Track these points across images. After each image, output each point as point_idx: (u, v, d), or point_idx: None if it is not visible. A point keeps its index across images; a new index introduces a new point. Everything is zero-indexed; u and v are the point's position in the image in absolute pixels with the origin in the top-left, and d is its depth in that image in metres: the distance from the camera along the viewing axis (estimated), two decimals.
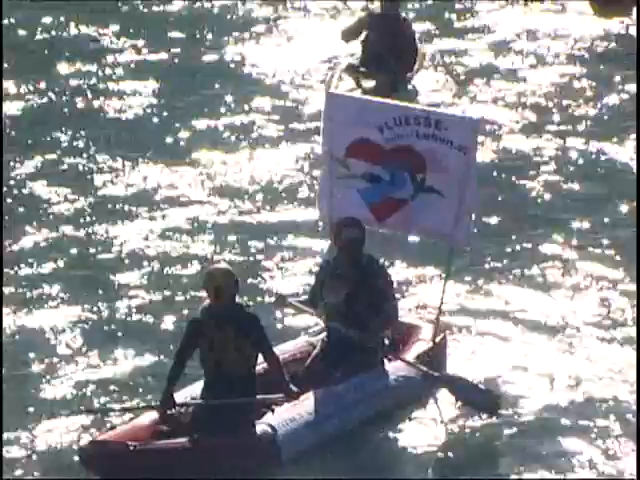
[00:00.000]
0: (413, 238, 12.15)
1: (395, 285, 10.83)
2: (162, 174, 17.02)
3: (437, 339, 10.56)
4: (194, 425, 9.33)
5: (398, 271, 12.44)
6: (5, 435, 10.37)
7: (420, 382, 10.37)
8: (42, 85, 21.04)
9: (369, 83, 15.86)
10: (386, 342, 10.35)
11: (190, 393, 9.70)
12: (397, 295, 10.86)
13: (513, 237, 14.70)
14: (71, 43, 22.90)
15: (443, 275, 11.17)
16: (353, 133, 10.27)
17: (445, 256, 11.15)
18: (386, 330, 10.31)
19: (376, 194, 10.30)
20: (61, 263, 14.47)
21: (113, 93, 20.60)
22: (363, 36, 16.45)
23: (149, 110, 19.92)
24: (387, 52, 15.95)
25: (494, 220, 15.07)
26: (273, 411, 9.41)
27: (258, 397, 9.43)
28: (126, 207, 16.16)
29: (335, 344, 10.14)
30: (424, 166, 10.05)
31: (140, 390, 10.85)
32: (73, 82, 21.04)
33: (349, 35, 16.69)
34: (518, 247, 14.55)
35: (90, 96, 20.77)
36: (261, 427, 9.32)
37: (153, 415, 9.54)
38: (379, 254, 10.93)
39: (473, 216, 10.51)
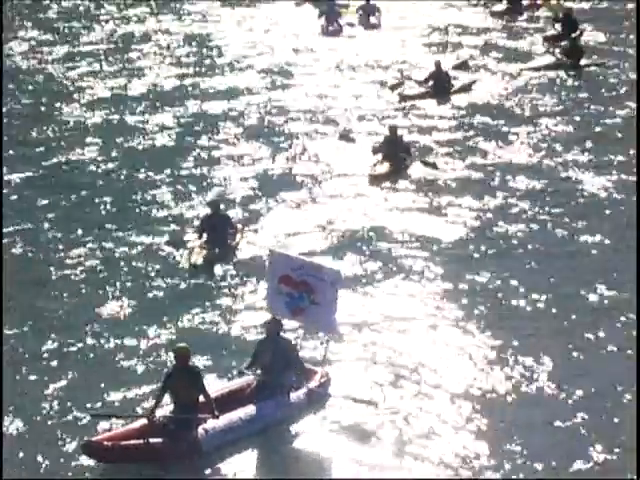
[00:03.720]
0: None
1: (300, 350, 12.35)
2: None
3: (322, 380, 12.04)
4: (164, 427, 10.94)
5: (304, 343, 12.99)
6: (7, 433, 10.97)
7: (307, 403, 11.78)
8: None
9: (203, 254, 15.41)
10: (294, 379, 11.88)
11: (164, 411, 11.21)
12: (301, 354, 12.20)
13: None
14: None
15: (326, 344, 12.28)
16: (281, 271, 12.08)
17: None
18: (297, 376, 11.93)
19: (292, 304, 12.01)
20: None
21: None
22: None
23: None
24: (212, 234, 15.67)
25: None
26: (206, 422, 11.05)
27: (198, 415, 11.07)
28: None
29: (264, 381, 11.85)
30: (313, 291, 11.83)
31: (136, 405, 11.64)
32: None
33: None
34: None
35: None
36: (194, 431, 10.99)
37: (141, 421, 10.99)
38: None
39: (336, 315, 11.93)
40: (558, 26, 25.98)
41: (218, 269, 15.29)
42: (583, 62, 23.88)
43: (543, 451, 10.62)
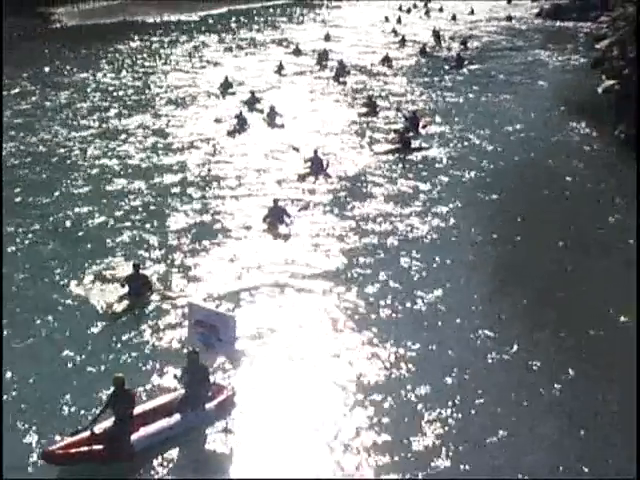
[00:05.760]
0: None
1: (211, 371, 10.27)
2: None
3: (229, 393, 10.16)
4: (105, 435, 9.07)
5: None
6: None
7: (217, 412, 9.86)
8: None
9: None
10: (209, 394, 9.98)
11: (107, 422, 9.31)
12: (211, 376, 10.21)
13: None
14: None
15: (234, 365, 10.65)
16: (197, 317, 10.20)
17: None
18: (208, 391, 9.98)
19: (204, 340, 10.11)
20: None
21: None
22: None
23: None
24: (133, 289, 12.66)
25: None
26: (138, 429, 9.23)
27: (131, 425, 9.17)
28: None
29: (186, 395, 9.98)
30: (218, 332, 9.96)
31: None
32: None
33: None
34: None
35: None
36: (128, 437, 9.10)
37: (87, 432, 9.00)
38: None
39: (236, 339, 10.14)
40: (403, 122, 24.53)
41: (145, 312, 12.60)
42: (412, 146, 22.52)
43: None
